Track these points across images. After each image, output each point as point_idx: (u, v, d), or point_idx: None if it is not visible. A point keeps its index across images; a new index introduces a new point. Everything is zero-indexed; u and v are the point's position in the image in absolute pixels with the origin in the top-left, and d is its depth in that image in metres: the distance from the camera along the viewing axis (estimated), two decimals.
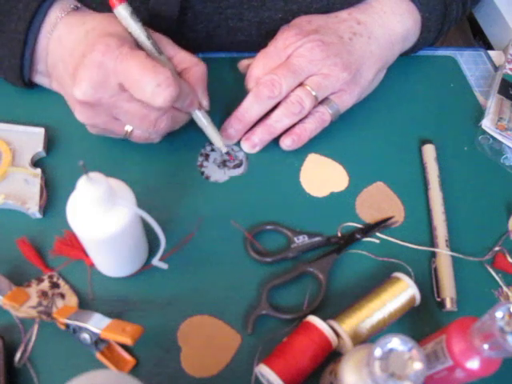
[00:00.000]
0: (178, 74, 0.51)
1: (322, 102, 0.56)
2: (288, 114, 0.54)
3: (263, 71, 0.54)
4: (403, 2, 0.60)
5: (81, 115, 0.49)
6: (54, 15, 0.50)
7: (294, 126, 0.56)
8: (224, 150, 0.56)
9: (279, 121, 0.55)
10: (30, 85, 0.56)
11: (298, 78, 0.54)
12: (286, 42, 0.54)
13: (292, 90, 0.54)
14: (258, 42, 0.61)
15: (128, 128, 0.50)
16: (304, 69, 0.53)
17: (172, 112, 0.50)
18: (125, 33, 0.49)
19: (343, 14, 0.58)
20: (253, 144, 0.56)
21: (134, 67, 0.44)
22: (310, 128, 0.56)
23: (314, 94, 0.54)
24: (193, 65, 0.52)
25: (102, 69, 0.45)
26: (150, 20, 0.55)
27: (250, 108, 0.55)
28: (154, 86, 0.44)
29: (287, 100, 0.54)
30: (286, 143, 0.56)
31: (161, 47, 0.50)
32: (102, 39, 0.45)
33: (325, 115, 0.56)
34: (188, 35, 0.60)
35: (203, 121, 0.54)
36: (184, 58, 0.52)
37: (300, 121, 0.56)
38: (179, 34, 0.57)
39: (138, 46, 0.49)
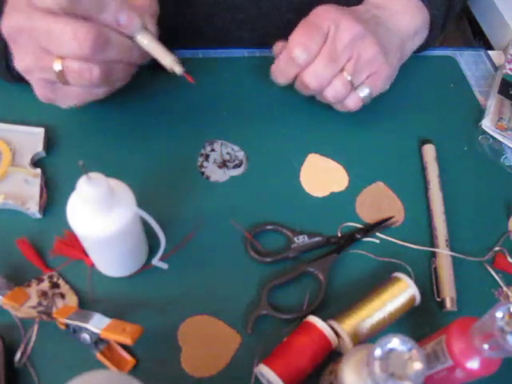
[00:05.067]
0: None
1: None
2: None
3: (305, 53, 0.53)
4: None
5: (15, 59, 0.47)
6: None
7: None
8: (178, 70, 0.49)
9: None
10: (23, 80, 0.56)
11: (337, 67, 0.54)
12: (327, 17, 0.53)
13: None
14: (258, 20, 0.60)
15: (57, 65, 0.45)
16: (343, 52, 0.53)
17: (100, 28, 0.44)
18: None
19: (360, 7, 0.58)
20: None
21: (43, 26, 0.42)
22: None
23: (349, 79, 0.54)
24: None
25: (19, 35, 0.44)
26: None
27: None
28: (70, 40, 0.42)
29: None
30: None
31: None
32: None
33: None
34: (187, 14, 0.59)
35: (146, 41, 0.48)
36: None
37: None
38: (179, 14, 0.56)
39: None
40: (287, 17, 0.63)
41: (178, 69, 0.49)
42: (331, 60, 0.53)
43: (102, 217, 0.40)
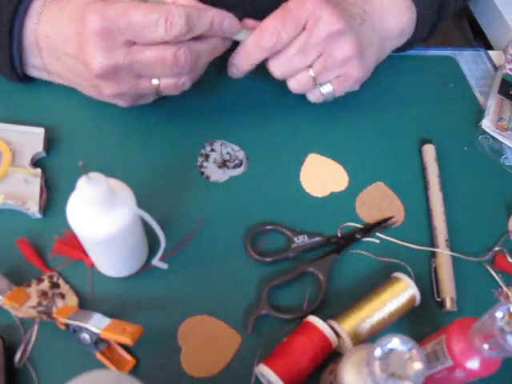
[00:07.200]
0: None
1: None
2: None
3: (274, 38, 0.51)
4: None
5: (108, 89, 0.49)
6: (38, 4, 0.50)
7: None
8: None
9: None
10: (26, 79, 0.56)
11: (305, 62, 0.53)
12: (307, 7, 0.51)
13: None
14: (256, 19, 0.59)
15: (155, 81, 0.49)
16: (316, 47, 0.52)
17: (188, 44, 0.48)
18: None
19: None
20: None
21: (134, 17, 0.44)
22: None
23: (313, 75, 0.54)
24: None
25: (104, 34, 0.45)
26: None
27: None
28: (163, 23, 0.45)
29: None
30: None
31: None
32: (88, 9, 0.45)
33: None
34: None
35: (244, 34, 0.52)
36: None
37: None
38: None
39: None
40: None
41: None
42: (300, 53, 0.52)
43: (102, 217, 0.40)
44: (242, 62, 0.54)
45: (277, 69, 0.54)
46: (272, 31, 0.51)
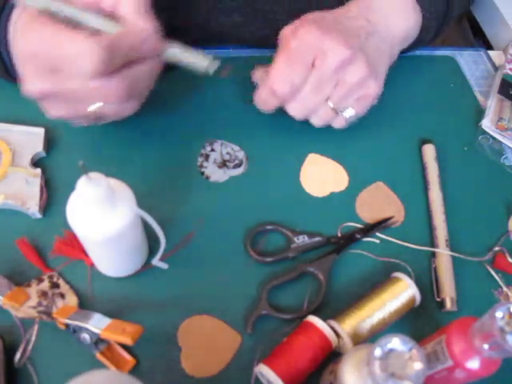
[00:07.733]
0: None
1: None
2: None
3: (287, 86, 0.51)
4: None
5: (47, 112, 0.47)
6: (17, 12, 0.49)
7: None
8: (212, 68, 0.48)
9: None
10: None
11: (322, 97, 0.53)
12: (310, 44, 0.50)
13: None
14: (256, 23, 0.59)
15: (92, 107, 0.45)
16: (330, 80, 0.51)
17: (121, 73, 0.44)
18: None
19: (353, 9, 0.56)
20: None
21: (55, 50, 0.41)
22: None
23: (332, 107, 0.54)
24: None
25: (32, 59, 0.43)
26: None
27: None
28: (76, 56, 0.41)
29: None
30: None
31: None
32: (21, 32, 0.44)
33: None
34: (184, 19, 0.59)
35: (175, 52, 0.47)
36: None
37: None
38: (177, 18, 0.55)
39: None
40: (282, 19, 0.62)
41: (212, 69, 0.48)
42: (315, 90, 0.52)
43: (102, 217, 0.40)
44: (262, 108, 0.55)
45: (296, 112, 0.54)
46: (284, 78, 0.50)
